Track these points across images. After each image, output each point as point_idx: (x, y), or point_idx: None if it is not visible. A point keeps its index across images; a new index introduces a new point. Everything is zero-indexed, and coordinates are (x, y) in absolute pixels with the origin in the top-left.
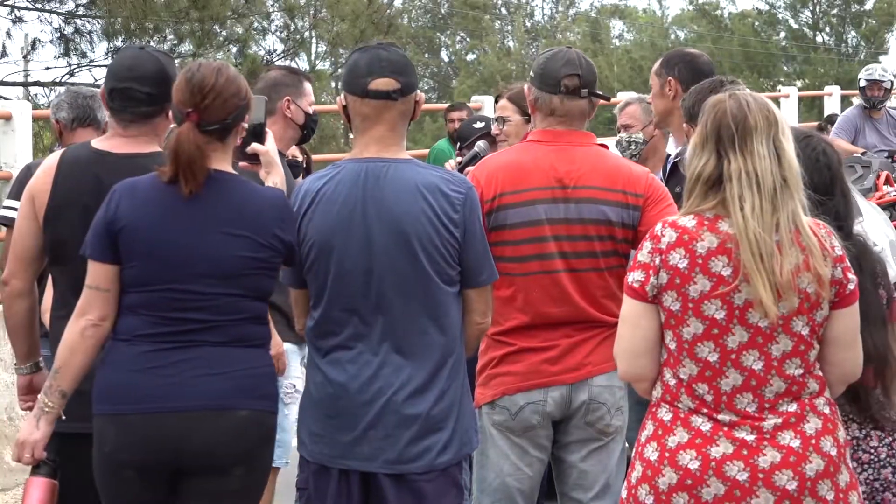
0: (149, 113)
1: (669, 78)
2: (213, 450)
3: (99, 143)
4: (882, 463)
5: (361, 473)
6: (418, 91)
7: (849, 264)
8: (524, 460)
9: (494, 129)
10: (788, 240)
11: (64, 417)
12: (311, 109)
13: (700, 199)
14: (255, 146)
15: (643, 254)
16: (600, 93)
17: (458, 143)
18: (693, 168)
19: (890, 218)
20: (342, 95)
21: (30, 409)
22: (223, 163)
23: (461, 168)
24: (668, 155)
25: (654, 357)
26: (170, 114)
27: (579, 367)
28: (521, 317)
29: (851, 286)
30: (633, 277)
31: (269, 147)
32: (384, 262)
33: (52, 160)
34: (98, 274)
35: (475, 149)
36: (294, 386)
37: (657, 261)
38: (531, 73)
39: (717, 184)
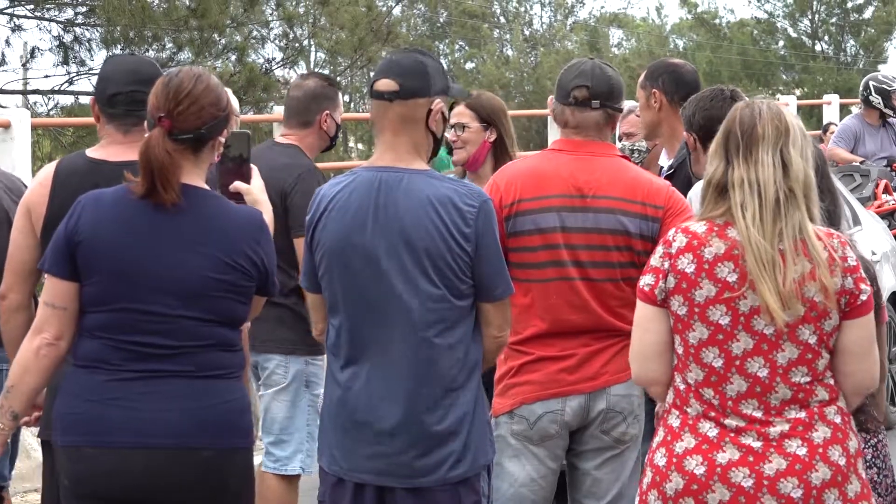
0: None
1: (654, 90)
2: (178, 492)
3: (94, 152)
4: (868, 464)
5: (376, 487)
6: (436, 99)
7: (863, 275)
8: (539, 472)
9: (451, 135)
10: (792, 250)
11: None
12: (340, 120)
13: (712, 206)
14: (238, 185)
15: (655, 258)
16: (614, 105)
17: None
18: (707, 174)
19: (889, 227)
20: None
21: (26, 423)
22: (195, 177)
23: None
24: (661, 167)
25: (666, 361)
26: None
27: (597, 376)
28: (540, 324)
29: (864, 297)
30: (644, 281)
31: (254, 185)
32: (393, 274)
33: (47, 172)
34: (55, 290)
35: None
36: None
37: (666, 265)
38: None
39: (725, 190)
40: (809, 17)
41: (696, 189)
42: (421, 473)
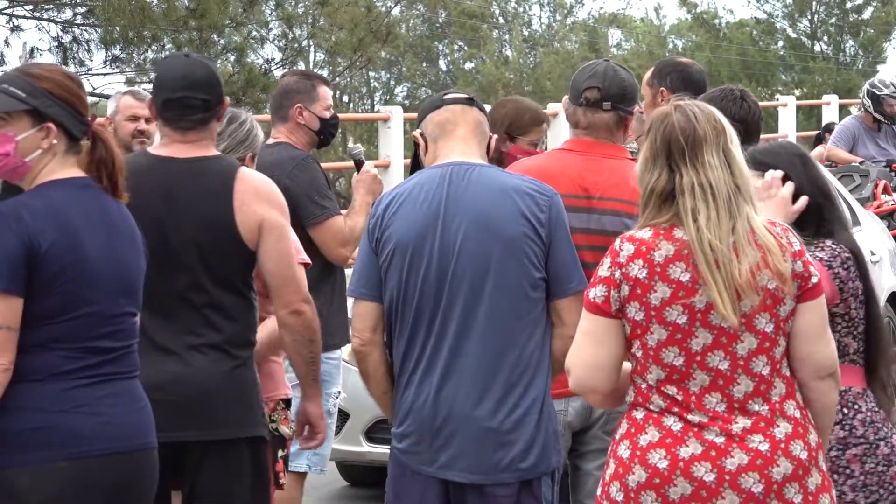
0: (205, 119)
1: (661, 88)
2: (144, 493)
3: (157, 150)
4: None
5: (441, 480)
6: (490, 130)
7: (810, 259)
8: None
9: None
10: (745, 240)
11: None
12: (327, 113)
13: (655, 213)
14: None
15: (603, 269)
16: (626, 107)
17: None
18: (645, 183)
19: (888, 227)
20: (416, 133)
21: None
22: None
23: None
24: None
25: (616, 372)
26: (222, 116)
27: None
28: None
29: (814, 279)
30: (595, 293)
31: None
32: (469, 262)
33: None
34: (11, 311)
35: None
36: (339, 393)
37: (618, 274)
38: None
39: (670, 197)
40: (809, 17)
41: None
42: (480, 471)
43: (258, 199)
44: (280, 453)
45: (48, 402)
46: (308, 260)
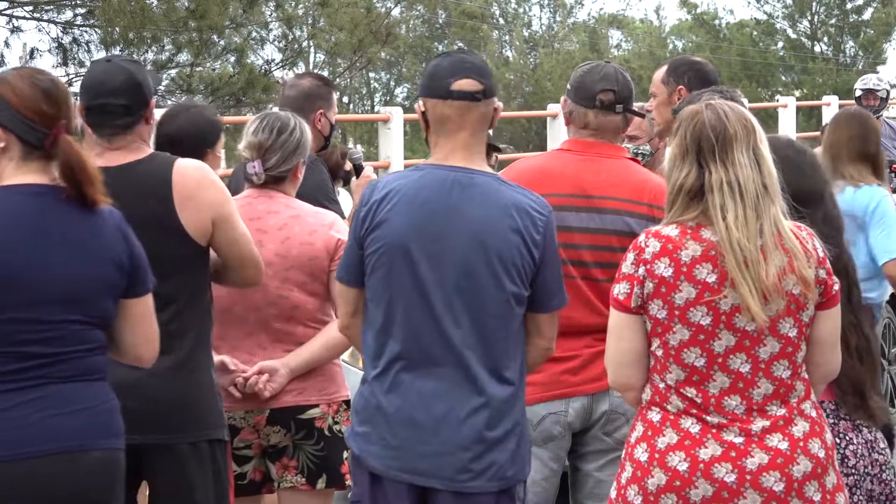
0: (129, 123)
1: (679, 86)
2: (67, 497)
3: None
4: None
5: (418, 487)
6: (496, 99)
7: (830, 267)
8: (542, 473)
9: None
10: (772, 243)
11: None
12: (334, 119)
13: (682, 210)
14: None
15: (626, 265)
16: (635, 109)
17: None
18: (674, 180)
19: None
20: (420, 102)
21: None
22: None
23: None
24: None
25: (642, 367)
26: (149, 118)
27: (600, 377)
28: None
29: (836, 287)
30: (619, 290)
31: None
32: (459, 275)
33: None
34: None
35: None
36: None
37: (641, 271)
38: (567, 86)
39: (698, 194)
40: (809, 18)
41: None
42: (466, 478)
43: (200, 189)
44: (346, 454)
45: None
46: None
